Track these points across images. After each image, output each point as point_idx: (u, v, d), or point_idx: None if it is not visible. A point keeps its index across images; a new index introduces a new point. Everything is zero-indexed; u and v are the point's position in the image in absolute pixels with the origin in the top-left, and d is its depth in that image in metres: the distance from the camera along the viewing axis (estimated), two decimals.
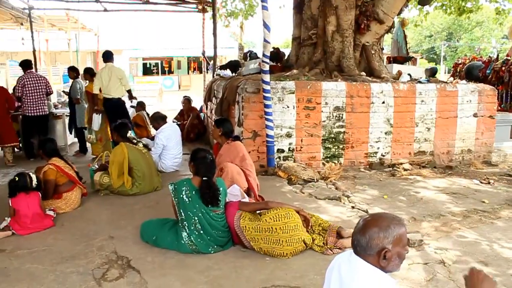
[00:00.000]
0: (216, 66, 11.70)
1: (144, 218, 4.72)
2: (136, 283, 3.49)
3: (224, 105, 7.41)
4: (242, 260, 3.84)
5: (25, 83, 8.09)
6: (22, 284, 3.51)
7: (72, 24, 17.86)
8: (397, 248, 2.09)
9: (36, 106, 8.17)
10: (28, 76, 8.19)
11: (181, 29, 30.49)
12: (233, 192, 4.52)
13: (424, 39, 52.88)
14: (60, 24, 17.91)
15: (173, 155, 7.07)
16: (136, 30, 31.90)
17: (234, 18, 15.29)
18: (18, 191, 4.73)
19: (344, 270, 2.16)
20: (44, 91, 8.26)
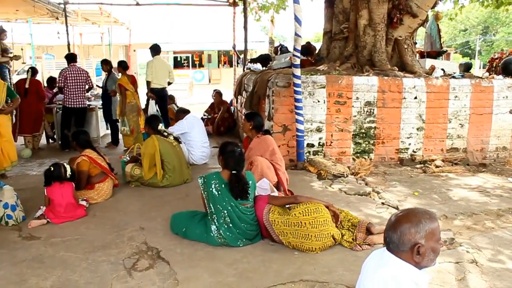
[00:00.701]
0: (246, 60, 11.71)
1: (174, 210, 4.79)
2: (166, 273, 3.54)
3: (254, 99, 7.41)
4: (271, 254, 3.85)
5: (67, 76, 8.34)
6: (56, 271, 3.62)
7: (105, 18, 18.11)
8: (430, 243, 2.07)
9: (76, 98, 8.40)
10: (70, 69, 8.42)
11: (212, 23, 30.62)
12: (263, 186, 4.53)
13: (458, 33, 51.72)
14: (94, 18, 18.19)
15: (199, 142, 7.12)
16: (167, 24, 32.17)
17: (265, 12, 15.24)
18: (53, 181, 4.86)
19: (377, 267, 2.16)
20: (84, 84, 8.47)
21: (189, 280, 3.42)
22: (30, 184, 6.21)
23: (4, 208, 4.63)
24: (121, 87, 8.31)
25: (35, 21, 16.91)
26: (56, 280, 3.47)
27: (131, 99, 8.33)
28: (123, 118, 8.36)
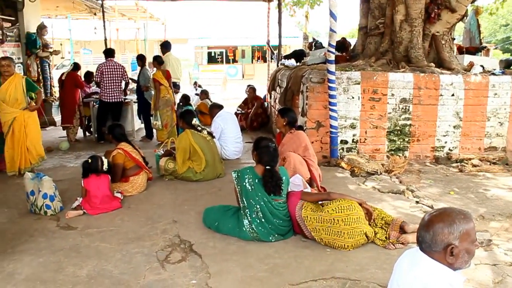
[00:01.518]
0: (280, 55, 11.68)
1: (207, 204, 4.85)
2: (198, 267, 3.58)
3: (288, 95, 7.40)
4: (303, 250, 3.85)
5: (103, 70, 8.55)
6: (91, 261, 3.71)
7: (141, 13, 18.36)
8: (464, 244, 2.02)
9: (112, 92, 8.58)
10: (107, 64, 8.62)
11: (246, 18, 30.63)
12: (295, 181, 4.52)
13: (499, 28, 50.15)
14: (130, 13, 18.47)
15: (232, 138, 7.16)
16: (202, 19, 32.36)
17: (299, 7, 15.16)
18: (90, 173, 4.98)
19: (410, 266, 2.12)
20: (120, 79, 8.64)
21: (221, 274, 3.45)
22: (67, 175, 6.38)
23: (43, 198, 4.77)
24: (155, 82, 8.43)
25: (74, 17, 17.33)
26: (91, 269, 3.56)
27: (165, 94, 8.43)
28: (156, 113, 8.48)
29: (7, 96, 6.01)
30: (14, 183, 5.93)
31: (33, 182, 4.88)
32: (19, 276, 3.48)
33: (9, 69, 6.03)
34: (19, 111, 6.10)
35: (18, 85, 6.06)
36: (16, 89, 6.05)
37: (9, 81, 6.03)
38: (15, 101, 6.07)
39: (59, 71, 15.86)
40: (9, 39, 10.11)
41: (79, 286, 3.31)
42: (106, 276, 3.45)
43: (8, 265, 3.67)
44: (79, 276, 3.46)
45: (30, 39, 10.97)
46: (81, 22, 20.66)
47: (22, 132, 6.15)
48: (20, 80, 6.13)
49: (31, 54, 11.01)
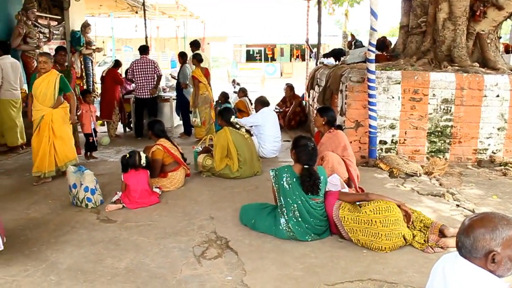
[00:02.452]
0: (319, 54, 11.60)
1: (243, 201, 4.87)
2: (234, 263, 3.60)
3: (327, 94, 7.34)
4: (339, 250, 3.82)
5: (134, 68, 8.74)
6: (130, 254, 3.79)
7: (181, 12, 18.61)
8: (507, 251, 1.92)
9: (146, 89, 8.73)
10: (139, 61, 8.80)
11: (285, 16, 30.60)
12: (333, 181, 4.49)
13: None
14: (170, 12, 18.74)
15: (271, 137, 7.16)
16: (241, 17, 32.51)
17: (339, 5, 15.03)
18: (129, 168, 5.09)
19: (448, 272, 2.06)
20: (153, 74, 8.77)
21: (256, 271, 3.46)
22: (108, 169, 6.54)
23: (85, 191, 4.90)
24: (194, 79, 8.52)
25: (116, 15, 17.73)
26: (129, 262, 3.64)
27: (203, 91, 8.52)
28: (195, 110, 8.57)
29: (38, 92, 5.83)
30: (58, 176, 6.11)
31: (75, 176, 5.03)
32: (61, 266, 3.59)
33: (46, 66, 5.84)
34: (48, 109, 5.85)
35: (51, 82, 5.85)
36: (48, 86, 5.83)
37: (44, 77, 5.85)
38: (45, 98, 5.83)
39: (101, 68, 16.26)
40: (55, 37, 10.44)
41: (117, 278, 3.39)
42: (143, 269, 3.52)
43: (51, 254, 3.80)
44: (118, 268, 3.54)
45: (74, 37, 11.32)
46: (123, 20, 21.11)
47: (49, 132, 5.85)
48: (55, 77, 5.90)
49: (75, 51, 11.36)
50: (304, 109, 10.29)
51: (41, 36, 9.43)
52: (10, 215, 4.71)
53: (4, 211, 4.74)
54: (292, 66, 31.67)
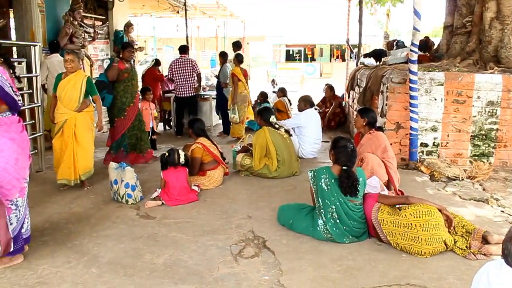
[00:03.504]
0: (360, 54, 11.47)
1: (281, 201, 4.87)
2: (270, 263, 3.60)
3: (367, 95, 7.25)
4: (377, 253, 3.76)
5: (172, 67, 8.87)
6: (168, 250, 3.85)
7: (221, 11, 18.77)
8: None
9: (185, 87, 8.84)
10: (178, 60, 8.93)
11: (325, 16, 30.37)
12: (373, 183, 4.43)
13: None
14: (211, 12, 18.93)
15: (312, 139, 7.12)
16: (280, 17, 32.50)
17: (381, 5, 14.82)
18: (169, 166, 5.16)
19: (493, 279, 1.99)
20: (192, 73, 8.87)
21: (293, 272, 3.45)
22: (148, 166, 6.67)
23: (126, 187, 5.01)
24: (234, 77, 8.61)
25: (157, 15, 18.04)
26: (168, 258, 3.70)
27: (242, 90, 8.60)
28: (234, 107, 8.64)
29: (63, 93, 5.41)
30: (101, 171, 6.27)
31: (116, 172, 5.14)
32: (102, 259, 3.68)
33: (73, 65, 5.42)
34: (72, 112, 5.43)
35: (77, 83, 5.42)
36: (74, 87, 5.41)
37: (70, 78, 5.45)
38: (70, 101, 5.42)
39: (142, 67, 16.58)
40: (99, 37, 10.71)
41: (155, 273, 3.45)
42: (181, 266, 3.56)
43: (93, 248, 3.90)
44: (156, 264, 3.60)
45: (117, 36, 11.58)
46: (164, 20, 21.45)
47: (71, 137, 5.41)
48: (81, 78, 5.48)
49: (118, 50, 11.60)
50: (343, 110, 10.19)
51: (86, 36, 9.68)
52: (54, 209, 4.87)
53: (49, 205, 4.91)
54: (332, 67, 31.44)
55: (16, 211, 3.53)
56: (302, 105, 7.42)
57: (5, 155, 3.42)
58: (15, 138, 3.50)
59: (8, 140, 3.45)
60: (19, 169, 3.53)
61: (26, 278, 3.39)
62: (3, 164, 3.41)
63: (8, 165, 3.44)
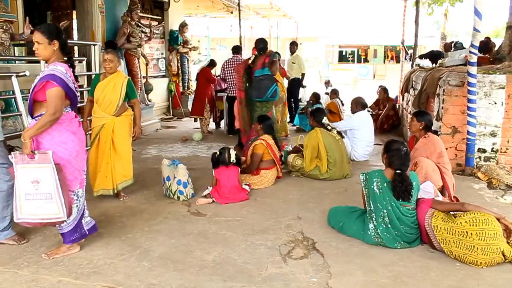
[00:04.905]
0: (415, 55, 11.19)
1: (332, 203, 4.83)
2: (319, 265, 3.58)
3: (423, 97, 7.06)
4: (429, 261, 3.65)
5: (225, 67, 8.94)
6: (218, 247, 3.89)
7: (275, 12, 18.77)
8: None
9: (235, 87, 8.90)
10: (230, 60, 9.01)
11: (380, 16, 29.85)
12: (426, 188, 4.31)
13: None
14: (264, 12, 18.96)
15: (365, 143, 7.02)
16: (334, 17, 32.20)
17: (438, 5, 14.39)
18: (220, 164, 5.22)
19: None
20: None
21: (342, 275, 3.41)
22: (199, 164, 6.77)
23: (178, 184, 5.11)
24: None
25: (211, 15, 18.30)
26: (217, 255, 3.74)
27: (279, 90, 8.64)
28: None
29: (101, 96, 4.99)
30: (153, 168, 6.43)
31: (169, 169, 5.25)
32: (153, 253, 3.77)
33: (112, 65, 4.99)
34: (110, 117, 5.00)
35: (117, 85, 5.02)
36: (114, 90, 5.00)
37: (109, 79, 5.03)
38: (108, 104, 4.98)
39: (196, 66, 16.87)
40: (155, 36, 10.99)
41: (205, 269, 3.49)
42: (230, 264, 3.59)
43: (144, 242, 4.00)
44: (206, 261, 3.65)
45: (172, 36, 11.85)
46: (218, 20, 21.71)
47: (109, 143, 5.00)
48: (122, 80, 5.07)
49: (173, 50, 11.90)
50: (397, 113, 9.98)
51: (143, 36, 9.96)
52: (110, 203, 5.03)
53: (105, 199, 5.07)
54: (385, 68, 30.86)
55: (77, 201, 3.71)
56: (354, 107, 7.32)
57: (69, 148, 3.60)
58: (76, 132, 3.68)
59: (71, 134, 3.63)
60: (79, 161, 3.71)
61: (82, 267, 3.53)
62: (67, 156, 3.59)
63: (71, 158, 3.62)
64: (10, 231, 3.98)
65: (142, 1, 10.51)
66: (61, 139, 3.56)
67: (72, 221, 3.68)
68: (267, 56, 6.83)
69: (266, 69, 6.72)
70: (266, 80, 6.66)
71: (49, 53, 3.57)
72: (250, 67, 6.87)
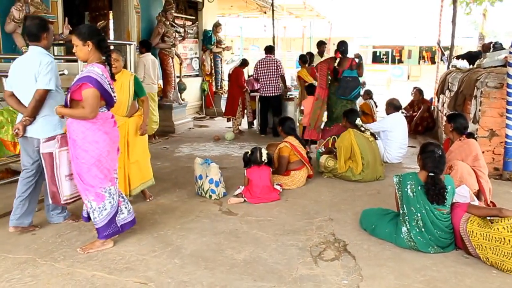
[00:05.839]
0: (452, 56, 10.94)
1: (364, 205, 4.79)
2: (351, 267, 3.55)
3: (459, 99, 6.91)
4: (464, 267, 3.57)
5: (257, 67, 8.97)
6: (249, 247, 3.91)
7: (308, 12, 18.70)
8: None
9: (268, 87, 8.92)
10: (263, 60, 9.03)
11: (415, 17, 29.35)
12: (462, 192, 4.21)
13: None
14: (297, 12, 18.92)
15: (398, 145, 6.91)
16: (368, 17, 31.86)
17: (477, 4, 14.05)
18: (251, 164, 5.24)
19: None
20: (275, 74, 8.92)
21: (373, 278, 3.37)
22: (231, 163, 6.81)
23: (210, 183, 5.15)
24: (300, 79, 8.66)
25: (245, 15, 18.36)
26: (248, 255, 3.75)
27: None
28: (300, 109, 8.63)
29: None
30: (185, 166, 6.49)
31: (202, 167, 5.30)
32: (185, 251, 3.81)
33: (117, 64, 4.70)
34: (122, 118, 4.73)
35: (125, 84, 4.76)
36: (122, 89, 4.72)
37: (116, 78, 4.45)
38: (119, 105, 4.61)
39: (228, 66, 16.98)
40: (189, 36, 11.11)
41: (235, 268, 3.51)
42: (260, 263, 3.60)
43: (176, 239, 4.05)
44: (236, 260, 3.66)
45: (206, 36, 11.95)
46: (251, 20, 21.76)
47: (125, 146, 4.76)
48: (128, 78, 4.81)
49: (206, 49, 12.00)
50: (432, 115, 9.78)
51: (177, 35, 10.07)
52: (142, 200, 5.10)
53: (138, 196, 5.14)
54: (420, 69, 30.34)
55: (110, 198, 3.79)
56: (388, 109, 7.23)
57: (100, 147, 3.71)
58: (108, 132, 3.78)
59: (103, 134, 3.73)
60: (110, 160, 3.81)
61: (116, 262, 3.61)
62: (98, 155, 3.70)
63: (102, 157, 3.72)
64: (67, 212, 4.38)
65: (177, 1, 10.63)
66: (94, 138, 3.68)
67: (105, 216, 3.77)
68: (354, 59, 7.40)
69: (354, 71, 7.32)
70: (354, 82, 7.32)
71: (85, 54, 3.68)
72: (335, 67, 7.34)
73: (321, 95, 7.48)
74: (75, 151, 3.70)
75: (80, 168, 3.70)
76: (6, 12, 6.08)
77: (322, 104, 7.48)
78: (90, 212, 3.77)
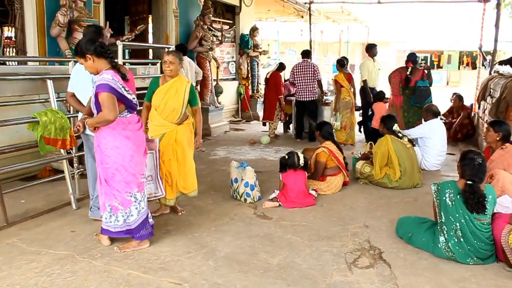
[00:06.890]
0: (494, 61, 10.65)
1: (400, 213, 4.71)
2: (386, 276, 3.49)
3: (502, 106, 6.71)
4: (506, 280, 3.45)
5: (294, 71, 8.96)
6: (283, 251, 3.90)
7: (345, 16, 18.58)
8: None
9: (304, 91, 8.88)
10: (299, 64, 9.01)
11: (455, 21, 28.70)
12: (503, 203, 4.09)
13: None
14: (334, 16, 18.82)
15: (436, 152, 6.76)
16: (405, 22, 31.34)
17: None
18: (288, 168, 5.23)
19: None
20: (312, 78, 8.87)
21: None
22: (267, 167, 6.82)
23: (245, 186, 5.17)
24: (336, 83, 8.61)
25: (281, 19, 18.41)
26: (282, 259, 3.74)
27: (345, 95, 8.59)
28: (336, 113, 8.56)
29: (162, 102, 4.45)
30: (220, 169, 6.54)
31: (237, 171, 5.33)
32: (219, 253, 3.84)
33: (173, 67, 4.45)
34: (172, 125, 4.52)
35: (180, 90, 4.49)
36: (176, 96, 4.47)
37: (171, 84, 4.48)
38: (171, 112, 4.47)
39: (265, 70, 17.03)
40: (226, 40, 11.21)
41: (269, 273, 3.51)
42: (294, 268, 3.59)
43: (211, 241, 4.09)
44: (270, 264, 3.66)
45: (243, 40, 12.03)
46: (288, 24, 21.77)
47: (168, 154, 4.54)
48: (185, 85, 4.54)
49: (243, 53, 12.08)
50: (472, 121, 9.53)
51: (214, 39, 10.18)
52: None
53: None
54: (460, 75, 29.61)
55: (136, 204, 3.83)
56: (426, 115, 7.09)
57: (122, 152, 3.75)
58: (130, 136, 3.80)
59: (124, 138, 3.76)
60: (135, 165, 3.82)
61: (151, 262, 3.67)
62: (120, 160, 3.75)
63: (125, 162, 3.76)
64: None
65: (215, 6, 10.75)
66: (115, 143, 3.73)
67: (132, 222, 3.83)
68: (424, 70, 8.26)
69: (426, 81, 8.11)
70: (426, 90, 8.08)
71: (92, 68, 3.74)
72: (407, 76, 8.05)
73: (395, 102, 8.21)
74: (100, 156, 3.78)
75: (105, 173, 3.77)
76: (52, 17, 6.30)
77: (397, 110, 8.12)
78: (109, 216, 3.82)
